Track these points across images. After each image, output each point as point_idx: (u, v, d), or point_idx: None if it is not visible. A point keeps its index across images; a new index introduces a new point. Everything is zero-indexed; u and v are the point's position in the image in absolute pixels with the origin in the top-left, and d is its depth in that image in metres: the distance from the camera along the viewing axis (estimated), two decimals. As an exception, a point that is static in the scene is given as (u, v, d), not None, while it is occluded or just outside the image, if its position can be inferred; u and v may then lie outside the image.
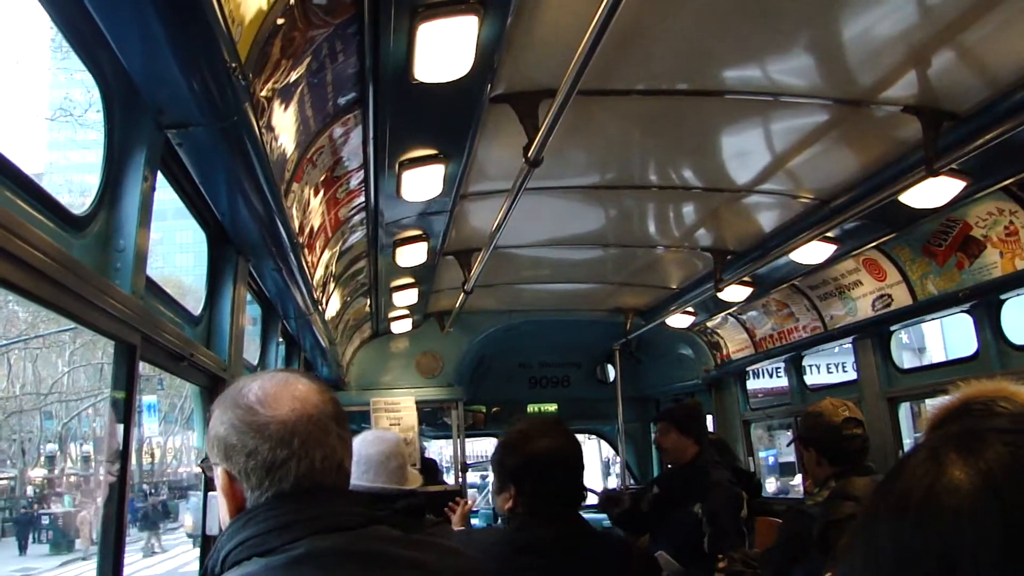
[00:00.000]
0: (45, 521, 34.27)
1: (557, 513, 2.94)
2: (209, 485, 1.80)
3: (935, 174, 5.00)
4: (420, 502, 4.30)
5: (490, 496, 15.17)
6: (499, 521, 3.29)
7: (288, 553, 1.63)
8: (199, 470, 2.10)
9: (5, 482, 42.58)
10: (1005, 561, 0.82)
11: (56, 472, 46.29)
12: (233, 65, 2.70)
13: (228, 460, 1.75)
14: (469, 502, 5.48)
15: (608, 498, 6.98)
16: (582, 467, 3.06)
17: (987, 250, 6.03)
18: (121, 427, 3.13)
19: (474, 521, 11.36)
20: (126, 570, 3.18)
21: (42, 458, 46.42)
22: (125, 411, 3.14)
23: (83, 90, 32.21)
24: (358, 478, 4.06)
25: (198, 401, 4.55)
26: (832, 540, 3.89)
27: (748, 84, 4.85)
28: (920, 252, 6.64)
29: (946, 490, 0.89)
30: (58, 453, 46.45)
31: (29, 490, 41.97)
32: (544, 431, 3.01)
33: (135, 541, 36.84)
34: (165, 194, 4.07)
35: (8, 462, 43.44)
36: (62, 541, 32.78)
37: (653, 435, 6.48)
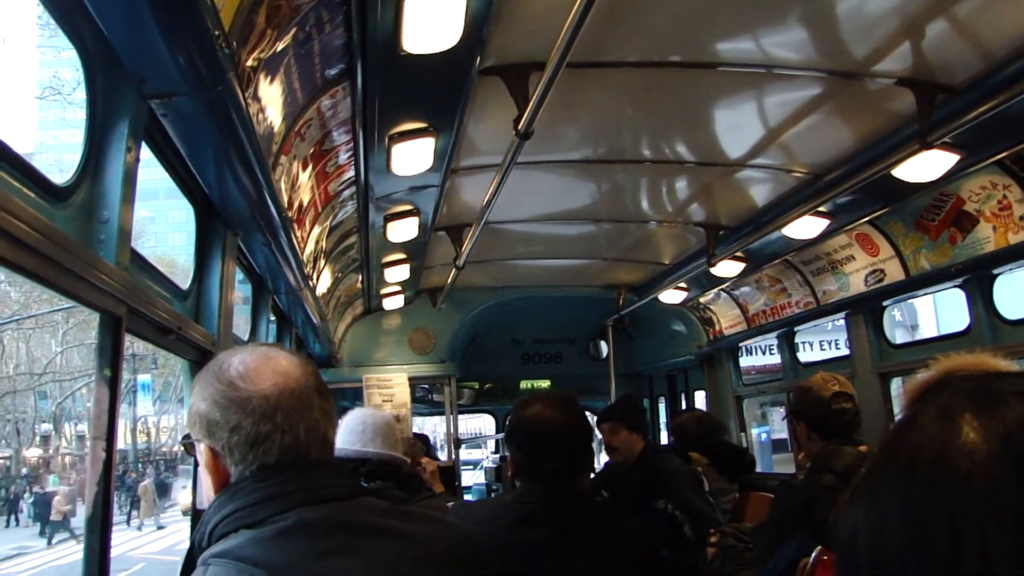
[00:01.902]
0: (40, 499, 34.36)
1: (551, 480, 2.98)
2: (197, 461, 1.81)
3: (928, 147, 4.98)
4: (407, 471, 4.33)
5: (483, 473, 15.21)
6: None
7: (276, 524, 1.63)
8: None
9: (1, 462, 42.69)
10: (1018, 533, 0.78)
11: (51, 451, 46.41)
12: (216, 33, 2.66)
13: (211, 436, 1.74)
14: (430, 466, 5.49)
15: None
16: (573, 440, 3.08)
17: (980, 225, 6.02)
18: (107, 399, 3.11)
19: (467, 497, 11.42)
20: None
21: (37, 438, 46.53)
22: (111, 383, 3.12)
23: (71, 69, 32.04)
24: (365, 444, 4.07)
25: (187, 376, 4.53)
26: (816, 516, 3.90)
27: (741, 56, 4.81)
28: (913, 227, 6.63)
29: (960, 453, 0.84)
30: (52, 433, 46.56)
31: (24, 469, 42.13)
32: (540, 400, 3.12)
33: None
34: (157, 172, 4.04)
35: (3, 442, 43.53)
36: (58, 520, 32.82)
37: (599, 436, 6.36)
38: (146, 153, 3.47)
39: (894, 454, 0.91)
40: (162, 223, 59.06)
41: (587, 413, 3.37)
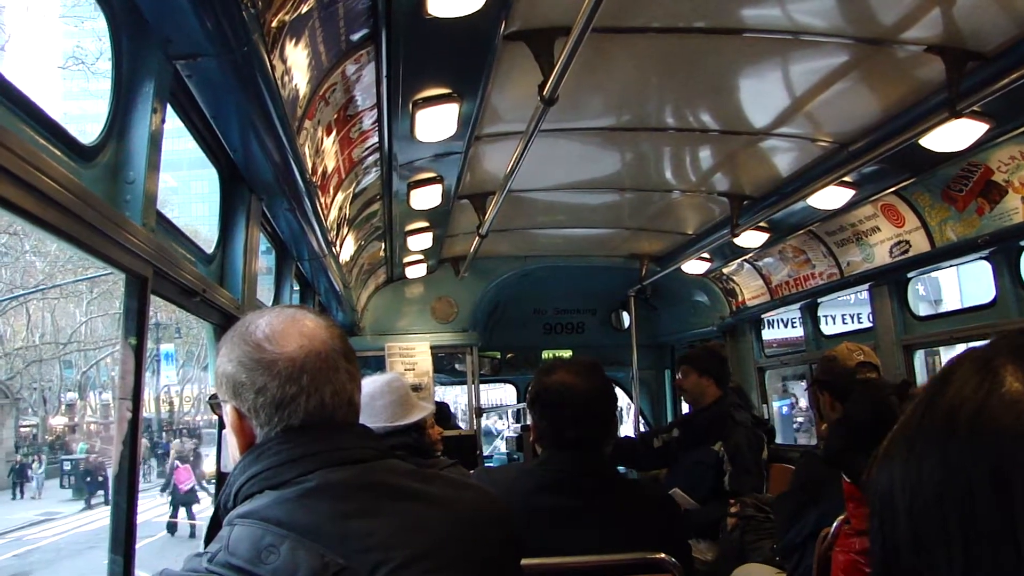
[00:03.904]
0: (67, 467, 34.79)
1: (575, 448, 2.99)
2: (222, 422, 1.84)
3: (957, 116, 4.92)
4: (413, 441, 4.24)
5: (504, 442, 15.28)
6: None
7: (300, 485, 1.65)
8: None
9: (28, 429, 43.18)
10: None
11: (77, 420, 46.93)
12: (242, -7, 2.66)
13: (237, 397, 1.76)
14: None
15: None
16: (597, 408, 3.07)
17: (1009, 195, 5.95)
18: (133, 360, 3.13)
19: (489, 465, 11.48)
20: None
21: (63, 406, 47.04)
22: (137, 344, 3.14)
23: (94, 38, 32.12)
24: (375, 421, 4.08)
25: (211, 339, 4.56)
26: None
27: (767, 22, 4.76)
28: (940, 197, 6.56)
29: (1003, 404, 0.83)
30: (78, 401, 47.06)
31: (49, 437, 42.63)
32: (564, 366, 3.11)
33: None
34: (181, 143, 4.05)
35: (30, 410, 44.04)
36: (83, 486, 33.27)
37: (676, 378, 6.55)
38: (172, 120, 3.48)
39: (932, 408, 0.90)
40: (186, 194, 59.33)
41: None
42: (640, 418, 12.55)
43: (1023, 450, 0.80)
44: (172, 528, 25.18)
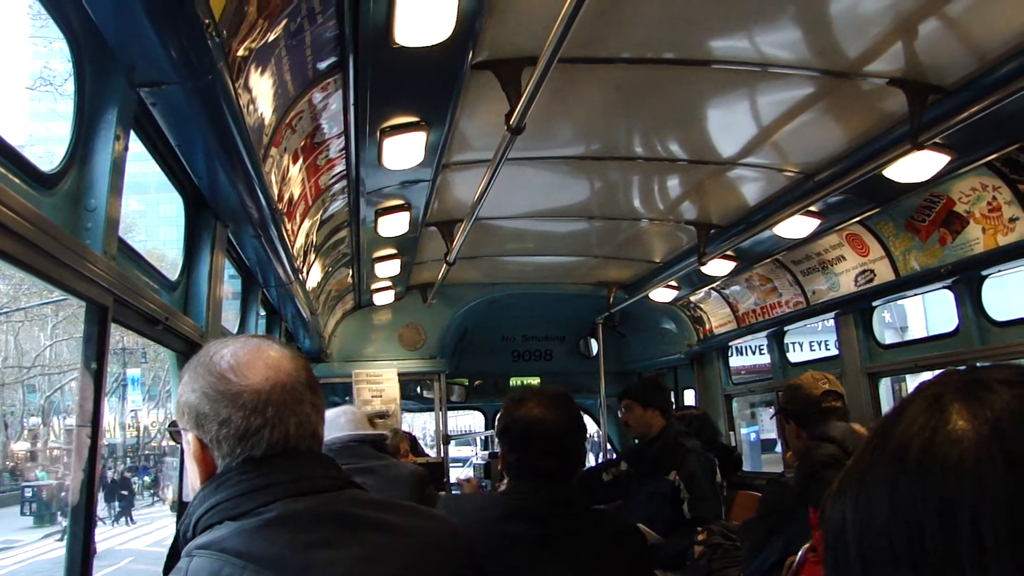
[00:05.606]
0: (28, 493, 34.18)
1: (544, 479, 2.97)
2: (183, 451, 1.81)
3: (920, 148, 4.99)
4: (381, 439, 4.34)
5: (472, 469, 15.21)
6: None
7: (261, 516, 1.62)
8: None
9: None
10: (1010, 516, 0.79)
11: (39, 445, 46.24)
12: (206, 21, 2.64)
13: (200, 428, 1.73)
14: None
15: None
16: (567, 441, 3.06)
17: (970, 226, 6.04)
18: (92, 388, 3.09)
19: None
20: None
21: (25, 431, 46.35)
22: (96, 372, 3.10)
23: (62, 60, 31.95)
24: (340, 431, 4.13)
25: (175, 367, 4.51)
26: (813, 489, 3.89)
27: (735, 54, 4.80)
28: (903, 227, 6.64)
29: (949, 440, 0.85)
30: (41, 426, 46.40)
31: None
32: (534, 398, 3.07)
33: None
34: (148, 166, 4.02)
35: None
36: (45, 513, 32.71)
37: (619, 414, 6.50)
38: (136, 145, 3.45)
39: (882, 445, 0.92)
40: (153, 216, 58.87)
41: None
42: (608, 445, 12.56)
43: (967, 485, 0.82)
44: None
